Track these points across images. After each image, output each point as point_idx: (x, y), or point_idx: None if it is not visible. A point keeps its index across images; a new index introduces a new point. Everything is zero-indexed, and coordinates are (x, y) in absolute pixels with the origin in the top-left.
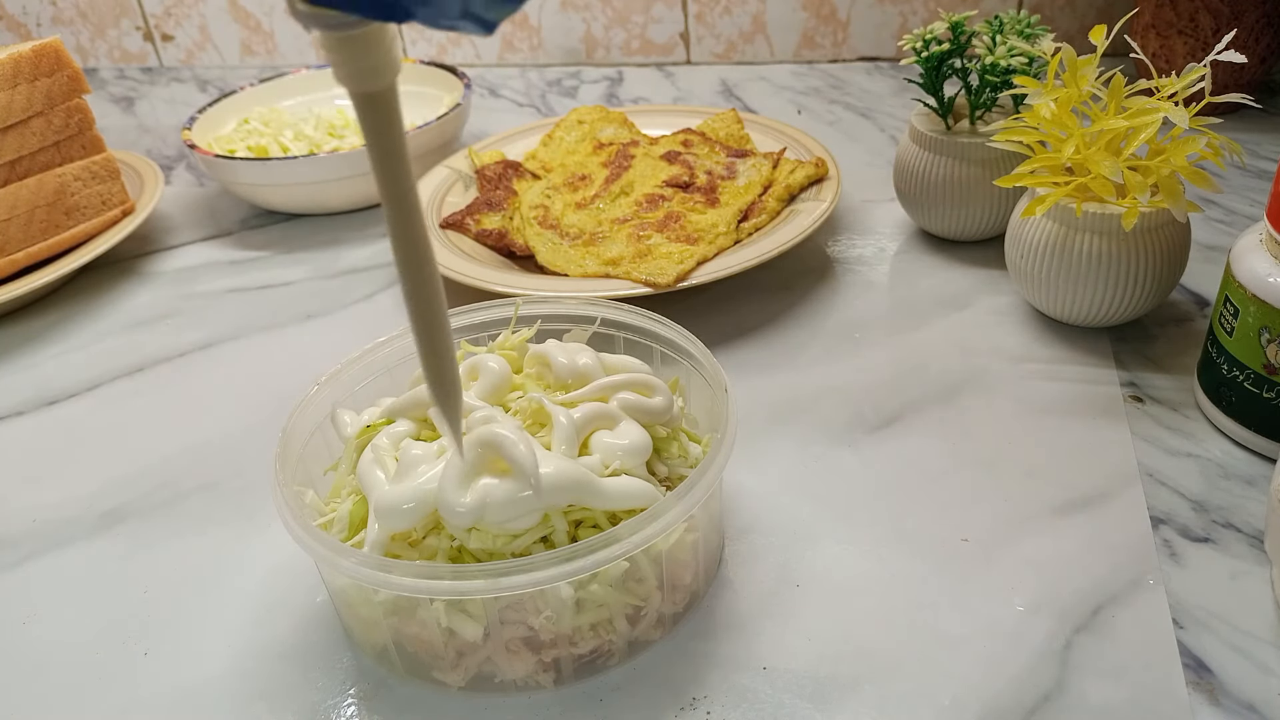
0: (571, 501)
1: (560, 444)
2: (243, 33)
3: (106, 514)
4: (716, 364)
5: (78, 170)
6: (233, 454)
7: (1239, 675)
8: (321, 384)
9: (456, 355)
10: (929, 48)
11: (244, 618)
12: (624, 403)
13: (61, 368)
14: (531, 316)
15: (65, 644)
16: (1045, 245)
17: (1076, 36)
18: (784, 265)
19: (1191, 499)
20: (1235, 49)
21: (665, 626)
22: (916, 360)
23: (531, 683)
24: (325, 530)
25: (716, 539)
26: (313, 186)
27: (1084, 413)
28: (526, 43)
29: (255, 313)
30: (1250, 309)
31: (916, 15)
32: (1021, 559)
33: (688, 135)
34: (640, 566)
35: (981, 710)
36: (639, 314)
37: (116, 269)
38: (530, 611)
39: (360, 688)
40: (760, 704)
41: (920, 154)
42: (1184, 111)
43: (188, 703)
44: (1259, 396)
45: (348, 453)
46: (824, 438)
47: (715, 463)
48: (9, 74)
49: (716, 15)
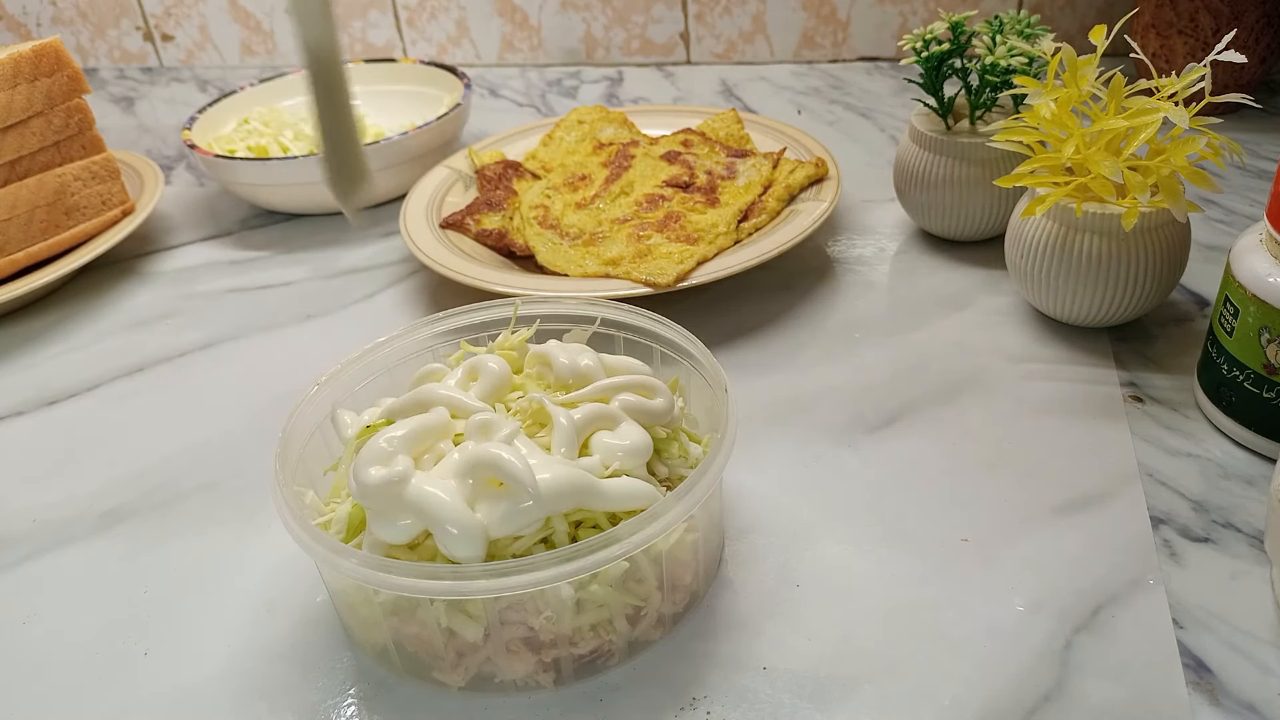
0: (573, 506)
1: (560, 446)
2: (243, 33)
3: (106, 514)
4: (716, 364)
5: (78, 170)
6: (233, 454)
7: (1239, 675)
8: (322, 384)
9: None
10: (929, 48)
11: (244, 618)
12: (625, 404)
13: (61, 368)
14: (531, 316)
15: (65, 644)
16: (1045, 245)
17: (1076, 36)
18: (784, 265)
19: (1191, 499)
20: (1235, 49)
21: (665, 626)
22: (916, 360)
23: (531, 683)
24: (324, 530)
25: (717, 539)
26: (313, 186)
27: (1084, 413)
28: (526, 43)
29: (255, 313)
30: (1250, 309)
31: (916, 15)
32: (1021, 559)
33: (688, 135)
34: (640, 567)
35: (981, 710)
36: (639, 314)
37: (116, 269)
38: (530, 612)
39: (360, 688)
40: (760, 704)
41: (920, 154)
42: (1184, 111)
43: (188, 703)
44: (1259, 396)
45: (347, 453)
46: (824, 438)
47: (715, 463)
48: (9, 74)
49: (716, 15)
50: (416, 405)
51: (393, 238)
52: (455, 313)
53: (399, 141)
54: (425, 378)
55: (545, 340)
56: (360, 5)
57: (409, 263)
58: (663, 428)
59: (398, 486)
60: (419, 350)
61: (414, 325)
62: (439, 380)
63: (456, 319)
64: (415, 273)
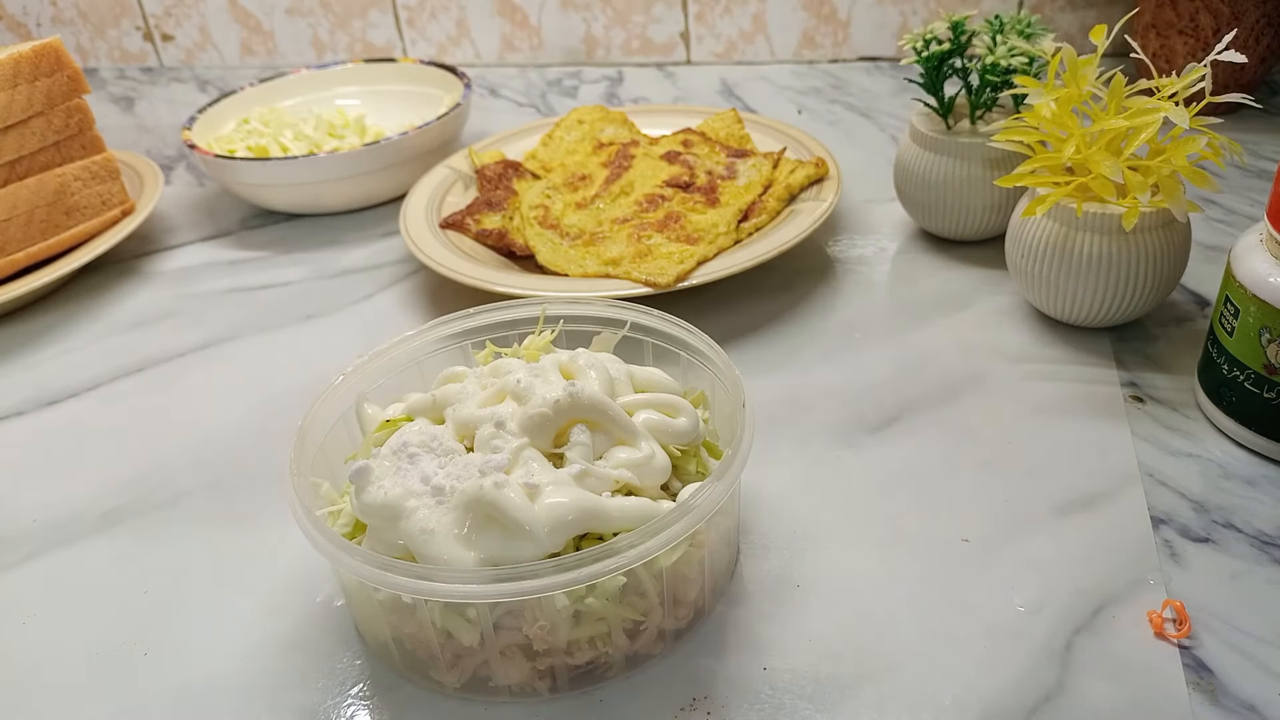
0: (578, 532)
1: (577, 462)
2: (243, 33)
3: (106, 514)
4: (738, 376)
5: (78, 170)
6: (232, 453)
7: (1239, 675)
8: (347, 375)
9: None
10: (929, 47)
11: (244, 618)
12: (648, 422)
13: (61, 368)
14: (556, 317)
15: (65, 644)
16: (1046, 245)
17: (1077, 36)
18: (784, 265)
19: (1192, 499)
20: (1235, 49)
21: (666, 642)
22: (917, 360)
23: (528, 689)
24: (334, 518)
25: (728, 554)
26: (313, 186)
27: (1084, 413)
28: (526, 43)
29: (255, 313)
30: (1251, 309)
31: (917, 15)
32: (1021, 559)
33: (688, 135)
34: (641, 581)
35: (981, 710)
36: (666, 319)
37: (116, 269)
38: (526, 620)
39: (361, 687)
40: (760, 704)
41: (920, 154)
42: (1184, 111)
43: (188, 703)
44: (1259, 396)
45: (365, 446)
46: (824, 438)
47: (724, 480)
48: (9, 74)
49: (716, 15)
50: (434, 407)
51: (393, 238)
52: (475, 311)
53: (399, 141)
54: (448, 379)
55: (571, 342)
56: (360, 5)
57: (409, 263)
58: (680, 448)
59: (394, 518)
60: (442, 347)
61: (437, 322)
62: (460, 382)
63: (479, 318)
64: (415, 273)
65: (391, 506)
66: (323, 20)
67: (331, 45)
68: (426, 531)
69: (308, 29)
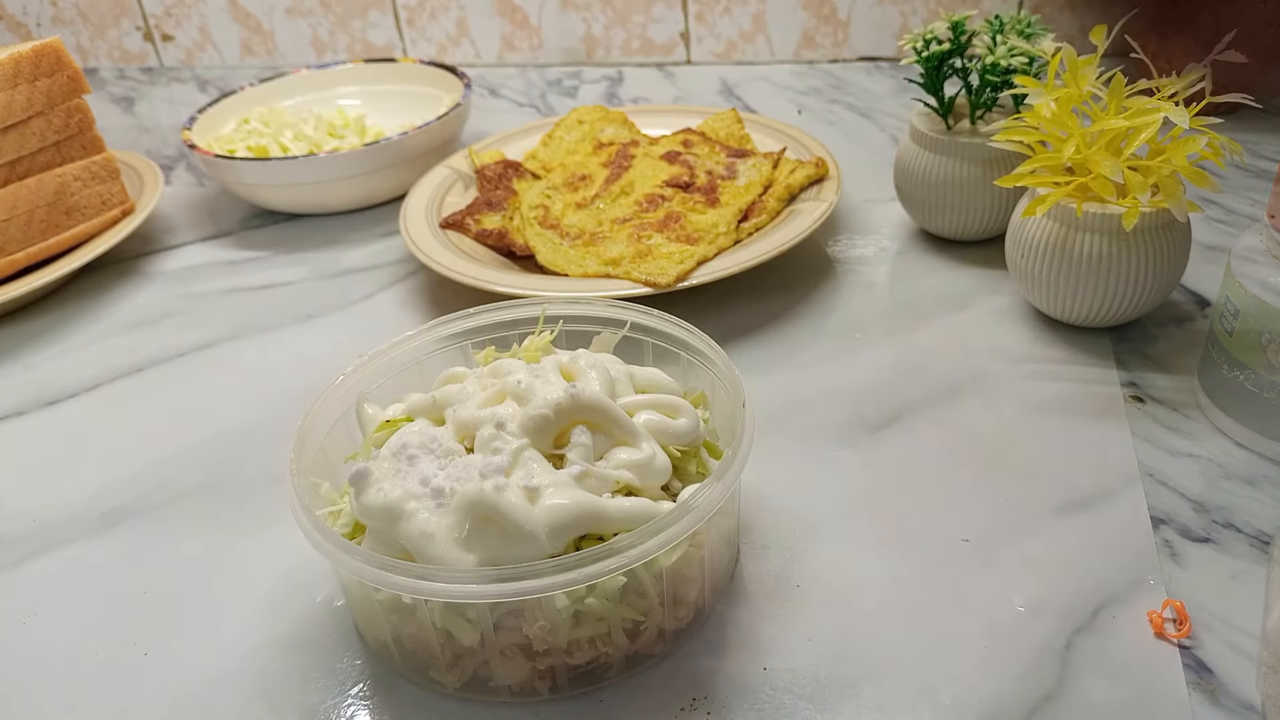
0: (577, 534)
1: (577, 464)
2: (243, 33)
3: (106, 514)
4: (738, 376)
5: (78, 170)
6: (233, 454)
7: (1239, 675)
8: (347, 375)
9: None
10: (929, 47)
11: (244, 618)
12: (649, 423)
13: (61, 368)
14: (556, 317)
15: (65, 644)
16: (1046, 245)
17: (1077, 36)
18: (784, 265)
19: (1192, 499)
20: (1235, 49)
21: (667, 641)
22: (916, 360)
23: (528, 689)
24: (334, 518)
25: (728, 554)
26: (313, 186)
27: (1084, 413)
28: (526, 43)
29: (255, 313)
30: (1251, 309)
31: (917, 15)
32: (1021, 559)
33: (688, 135)
34: (641, 581)
35: (981, 710)
36: (665, 319)
37: (116, 269)
38: (527, 620)
39: (361, 687)
40: (760, 704)
41: (920, 154)
42: (1184, 111)
43: (188, 703)
44: (1259, 396)
45: (366, 446)
46: (824, 438)
47: (724, 480)
48: (9, 74)
49: (716, 15)
50: (434, 408)
51: (393, 238)
52: (477, 311)
53: (399, 141)
54: (449, 380)
55: (572, 342)
56: (360, 5)
57: (409, 263)
58: (680, 448)
59: (394, 521)
60: (442, 348)
61: (437, 323)
62: (460, 382)
63: (481, 318)
64: (415, 272)
65: (391, 509)
66: (323, 20)
67: (331, 45)
68: (426, 535)
69: (308, 29)
